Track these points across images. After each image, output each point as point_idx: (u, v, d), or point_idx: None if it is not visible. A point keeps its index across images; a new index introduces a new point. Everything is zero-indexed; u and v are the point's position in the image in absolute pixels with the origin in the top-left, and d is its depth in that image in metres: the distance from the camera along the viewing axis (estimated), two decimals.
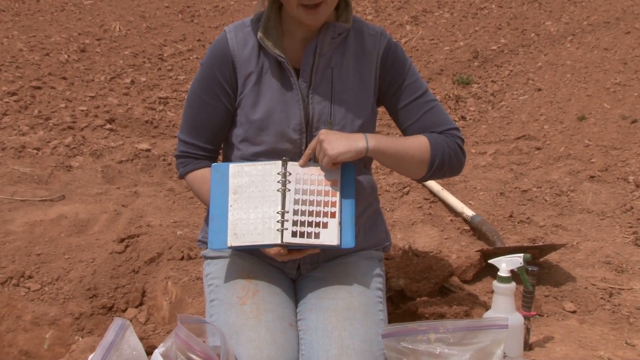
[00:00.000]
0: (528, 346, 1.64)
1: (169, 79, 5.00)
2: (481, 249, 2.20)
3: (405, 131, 1.48)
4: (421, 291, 1.88)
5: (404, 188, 3.06)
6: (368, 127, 1.47)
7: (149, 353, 1.29)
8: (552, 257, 2.27)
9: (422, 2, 6.84)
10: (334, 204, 1.35)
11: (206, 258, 1.58)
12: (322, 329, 1.34)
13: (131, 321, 1.99)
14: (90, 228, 2.43)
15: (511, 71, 5.07)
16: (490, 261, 1.58)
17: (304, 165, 1.38)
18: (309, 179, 1.37)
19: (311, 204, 1.35)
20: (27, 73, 4.61)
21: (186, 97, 1.52)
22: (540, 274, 2.11)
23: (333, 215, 1.35)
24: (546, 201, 2.88)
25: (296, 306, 1.47)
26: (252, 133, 1.43)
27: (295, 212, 1.34)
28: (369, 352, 1.30)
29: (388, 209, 2.86)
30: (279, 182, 1.37)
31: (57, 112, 3.97)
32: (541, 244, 2.32)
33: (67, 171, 3.19)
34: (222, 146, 1.56)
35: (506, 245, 2.27)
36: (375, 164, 2.28)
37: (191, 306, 1.96)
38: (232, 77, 1.44)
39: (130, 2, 7.13)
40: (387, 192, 3.07)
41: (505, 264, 1.51)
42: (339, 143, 1.31)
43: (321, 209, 1.35)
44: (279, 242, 1.33)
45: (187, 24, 6.60)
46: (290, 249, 1.36)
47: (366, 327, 1.34)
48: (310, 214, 1.34)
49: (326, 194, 1.36)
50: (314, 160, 1.39)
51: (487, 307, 1.75)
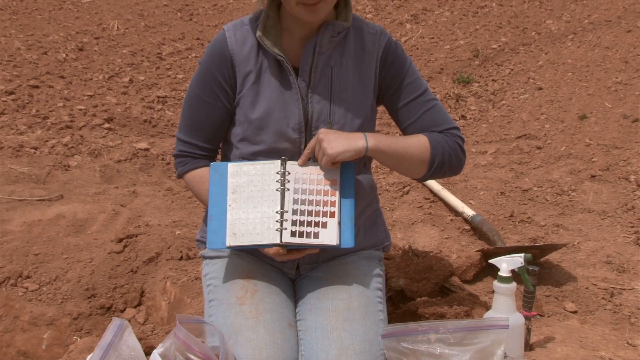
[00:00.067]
0: (529, 346, 1.64)
1: (168, 78, 4.99)
2: (482, 248, 2.19)
3: (405, 130, 1.47)
4: (421, 291, 1.87)
5: (404, 187, 3.06)
6: (368, 126, 1.46)
7: (147, 353, 1.29)
8: (553, 257, 2.26)
9: (422, 0, 6.82)
10: (333, 204, 1.35)
11: (205, 258, 1.57)
12: (322, 330, 1.33)
13: (130, 321, 1.98)
14: (88, 228, 2.42)
15: (512, 70, 5.06)
16: (491, 261, 1.57)
17: (303, 165, 1.37)
18: (308, 178, 1.36)
19: (310, 203, 1.34)
20: (25, 72, 4.59)
21: (185, 96, 1.51)
22: (541, 274, 2.10)
23: (332, 214, 1.34)
24: (547, 201, 2.87)
25: (295, 306, 1.46)
26: (251, 132, 1.42)
27: (295, 212, 1.34)
28: (368, 353, 1.29)
29: (388, 209, 2.85)
30: (278, 181, 1.36)
31: (55, 111, 3.96)
32: (542, 243, 2.32)
33: (65, 171, 3.18)
34: (220, 145, 1.55)
35: (507, 245, 2.26)
36: (375, 163, 2.28)
37: (190, 306, 1.95)
38: (231, 76, 1.43)
39: (129, 1, 7.11)
40: (387, 191, 3.06)
41: (506, 264, 1.50)
42: (338, 142, 1.30)
43: (320, 208, 1.34)
44: (278, 241, 1.32)
45: (185, 23, 6.59)
46: (290, 248, 1.35)
47: (366, 328, 1.33)
48: (310, 213, 1.34)
49: (325, 193, 1.35)
50: (313, 159, 1.38)
51: (487, 307, 1.74)
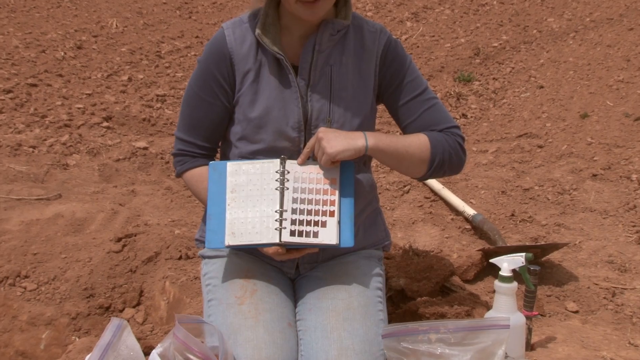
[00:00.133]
0: (530, 346, 1.63)
1: (167, 76, 4.98)
2: (482, 248, 2.18)
3: (405, 129, 1.46)
4: (422, 291, 1.86)
5: (405, 187, 3.05)
6: (367, 125, 1.45)
7: (146, 353, 1.28)
8: (554, 256, 2.25)
9: None
10: (332, 203, 1.34)
11: (204, 257, 1.56)
12: (322, 330, 1.33)
13: (128, 321, 1.97)
14: (87, 227, 2.41)
15: (513, 68, 5.05)
16: (492, 260, 1.56)
17: (302, 164, 1.37)
18: (308, 177, 1.35)
19: (310, 202, 1.33)
20: (23, 70, 4.58)
21: (184, 95, 1.50)
22: (542, 273, 2.09)
23: (332, 214, 1.33)
24: (548, 200, 2.86)
25: (295, 306, 1.46)
26: (250, 131, 1.41)
27: (294, 211, 1.33)
28: (368, 353, 1.29)
29: (388, 208, 2.84)
30: (277, 180, 1.35)
31: (54, 110, 3.95)
32: (543, 243, 2.31)
33: (63, 169, 3.17)
34: (219, 144, 1.54)
35: (508, 245, 2.25)
36: (375, 162, 2.26)
37: (189, 306, 1.94)
38: (230, 74, 1.42)
39: None
40: (387, 190, 3.05)
41: (507, 264, 1.49)
42: (338, 141, 1.29)
43: (320, 207, 1.33)
44: (277, 241, 1.32)
45: (184, 21, 6.58)
46: (289, 248, 1.34)
47: (366, 328, 1.33)
48: (309, 212, 1.33)
49: (325, 192, 1.34)
50: (312, 158, 1.37)
51: (488, 307, 1.73)
